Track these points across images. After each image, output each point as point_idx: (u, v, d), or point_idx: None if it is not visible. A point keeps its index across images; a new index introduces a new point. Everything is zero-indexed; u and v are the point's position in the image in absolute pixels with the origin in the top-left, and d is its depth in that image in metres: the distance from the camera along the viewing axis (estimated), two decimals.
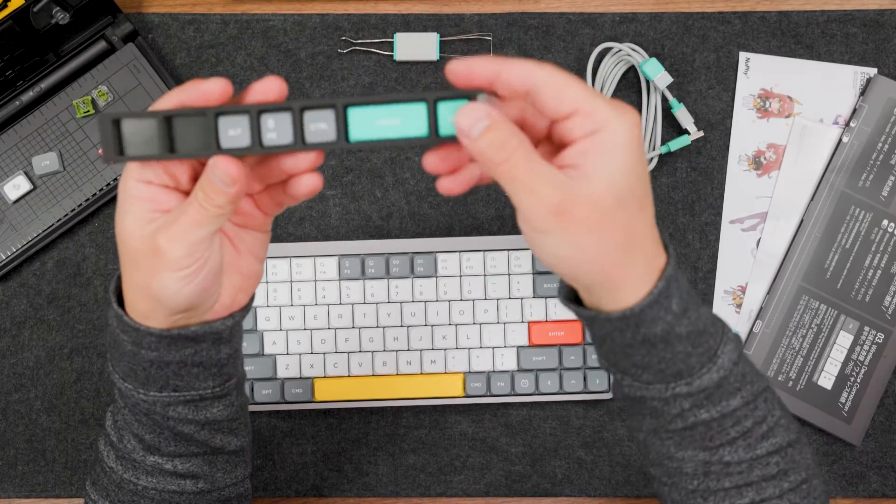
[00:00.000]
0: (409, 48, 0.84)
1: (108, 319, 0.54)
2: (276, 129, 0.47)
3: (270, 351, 0.80)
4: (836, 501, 0.82)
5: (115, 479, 0.58)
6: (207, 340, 0.53)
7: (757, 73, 0.84)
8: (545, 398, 0.81)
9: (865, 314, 0.82)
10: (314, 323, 0.81)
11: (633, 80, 0.84)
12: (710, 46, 0.84)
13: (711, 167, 0.84)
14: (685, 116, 0.82)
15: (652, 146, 0.83)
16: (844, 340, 0.82)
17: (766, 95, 0.84)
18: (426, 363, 0.81)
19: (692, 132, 0.82)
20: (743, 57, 0.84)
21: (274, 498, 0.82)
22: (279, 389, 0.80)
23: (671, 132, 0.84)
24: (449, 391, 0.80)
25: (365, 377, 0.80)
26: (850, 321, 0.82)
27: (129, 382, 0.54)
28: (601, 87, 0.83)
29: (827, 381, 0.82)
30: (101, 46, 0.83)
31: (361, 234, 0.83)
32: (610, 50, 0.83)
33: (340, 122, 0.47)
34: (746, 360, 0.55)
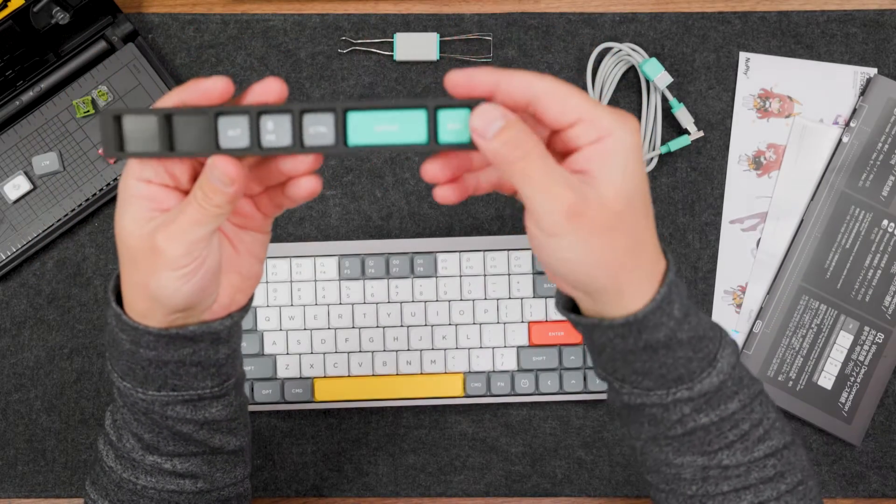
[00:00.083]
0: (409, 48, 0.84)
1: (107, 318, 0.54)
2: (275, 130, 0.47)
3: (270, 351, 0.80)
4: (836, 501, 0.82)
5: (114, 478, 0.58)
6: (206, 340, 0.53)
7: (757, 73, 0.84)
8: (545, 398, 0.81)
9: (865, 314, 0.82)
10: (314, 323, 0.81)
11: (633, 80, 0.84)
12: (710, 46, 0.84)
13: (711, 167, 0.84)
14: (685, 116, 0.82)
15: (652, 146, 0.83)
16: (844, 340, 0.82)
17: (766, 95, 0.84)
18: (426, 363, 0.81)
19: (692, 132, 0.82)
20: (743, 57, 0.84)
21: (274, 498, 0.82)
22: (279, 389, 0.80)
23: (671, 132, 0.84)
24: (449, 391, 0.80)
25: (365, 377, 0.80)
26: (850, 321, 0.82)
27: (127, 381, 0.54)
28: (601, 87, 0.83)
29: (827, 381, 0.82)
30: (101, 46, 0.83)
31: (361, 234, 0.83)
32: (610, 50, 0.83)
33: (339, 126, 0.47)
34: (741, 363, 0.55)
